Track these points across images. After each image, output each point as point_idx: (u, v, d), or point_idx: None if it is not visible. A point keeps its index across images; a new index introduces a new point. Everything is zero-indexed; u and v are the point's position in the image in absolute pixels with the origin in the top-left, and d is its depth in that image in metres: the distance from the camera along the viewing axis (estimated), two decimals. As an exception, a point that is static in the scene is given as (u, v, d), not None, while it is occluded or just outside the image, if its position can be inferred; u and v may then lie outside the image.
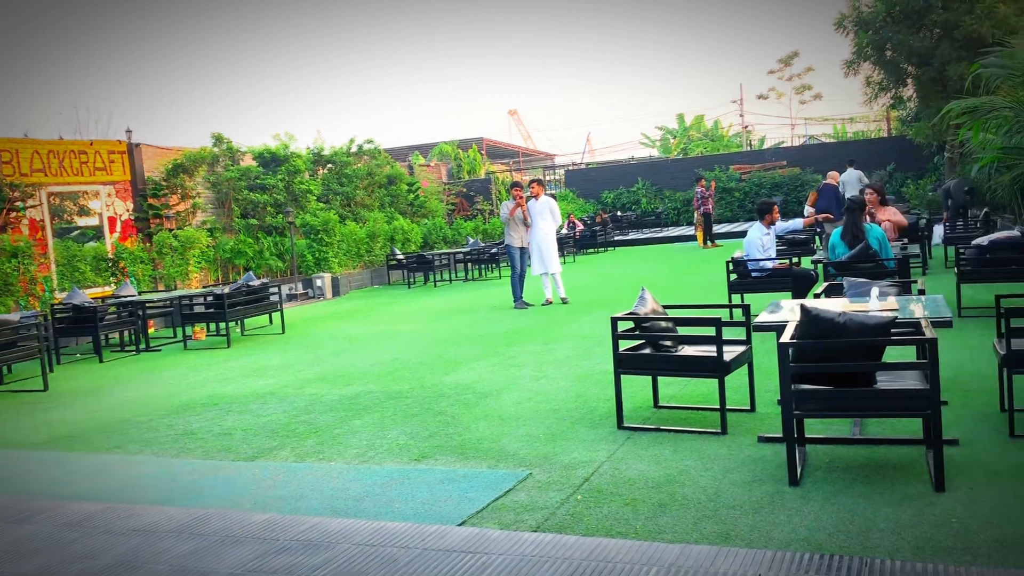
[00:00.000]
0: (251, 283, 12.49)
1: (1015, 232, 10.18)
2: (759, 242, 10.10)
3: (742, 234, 24.98)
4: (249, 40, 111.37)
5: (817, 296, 6.51)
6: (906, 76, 22.15)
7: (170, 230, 16.49)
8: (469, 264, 20.00)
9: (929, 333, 4.22)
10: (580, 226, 25.96)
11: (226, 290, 11.80)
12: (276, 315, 12.69)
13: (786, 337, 4.42)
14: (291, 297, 16.95)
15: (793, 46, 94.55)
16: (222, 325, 12.00)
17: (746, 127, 47.65)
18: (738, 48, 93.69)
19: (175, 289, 15.18)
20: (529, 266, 13.21)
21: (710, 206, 22.52)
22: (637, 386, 6.43)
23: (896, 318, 4.49)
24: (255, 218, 18.87)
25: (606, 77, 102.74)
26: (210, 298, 11.90)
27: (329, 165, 21.86)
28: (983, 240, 9.55)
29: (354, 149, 22.34)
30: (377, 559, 3.76)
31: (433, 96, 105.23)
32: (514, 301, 13.02)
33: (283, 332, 12.29)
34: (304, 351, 10.48)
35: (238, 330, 12.72)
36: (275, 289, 12.79)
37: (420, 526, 4.12)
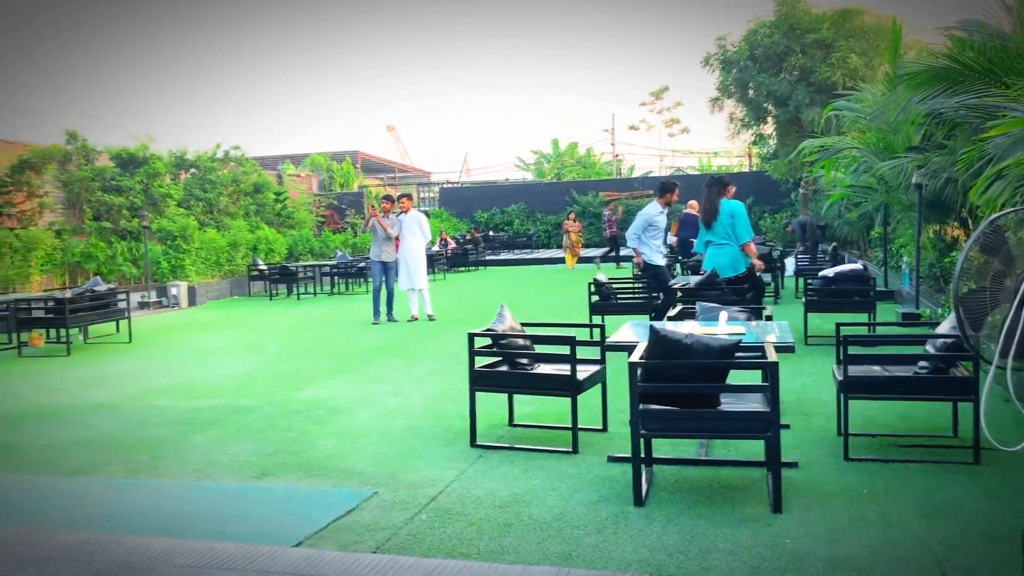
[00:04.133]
0: (96, 288, 11.77)
1: (858, 265, 10.73)
2: (650, 218, 9.61)
3: (609, 259, 25.68)
4: (113, 37, 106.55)
5: (670, 319, 6.62)
6: (766, 115, 23.28)
7: (12, 229, 15.40)
8: (335, 277, 19.59)
9: (772, 357, 4.31)
10: (452, 244, 25.92)
11: (68, 294, 11.07)
12: (124, 323, 12.00)
13: (635, 357, 4.43)
14: (143, 305, 16.11)
15: (664, 81, 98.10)
16: (63, 331, 11.24)
17: (617, 156, 48.94)
18: (612, 79, 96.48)
19: (13, 292, 14.16)
20: (397, 281, 13.01)
21: (614, 230, 23.58)
22: (494, 404, 6.35)
23: (741, 341, 4.58)
24: (109, 221, 17.90)
25: (485, 99, 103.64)
26: (50, 303, 11.14)
27: (192, 170, 21.04)
28: (829, 272, 10.02)
29: (220, 155, 21.59)
30: (200, 583, 3.50)
31: (308, 107, 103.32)
32: (373, 316, 12.80)
33: (130, 341, 11.63)
34: (150, 362, 9.93)
35: (81, 338, 11.96)
36: (123, 295, 12.10)
37: (251, 547, 3.88)
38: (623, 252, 23.17)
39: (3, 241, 14.79)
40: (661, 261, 9.74)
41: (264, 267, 18.92)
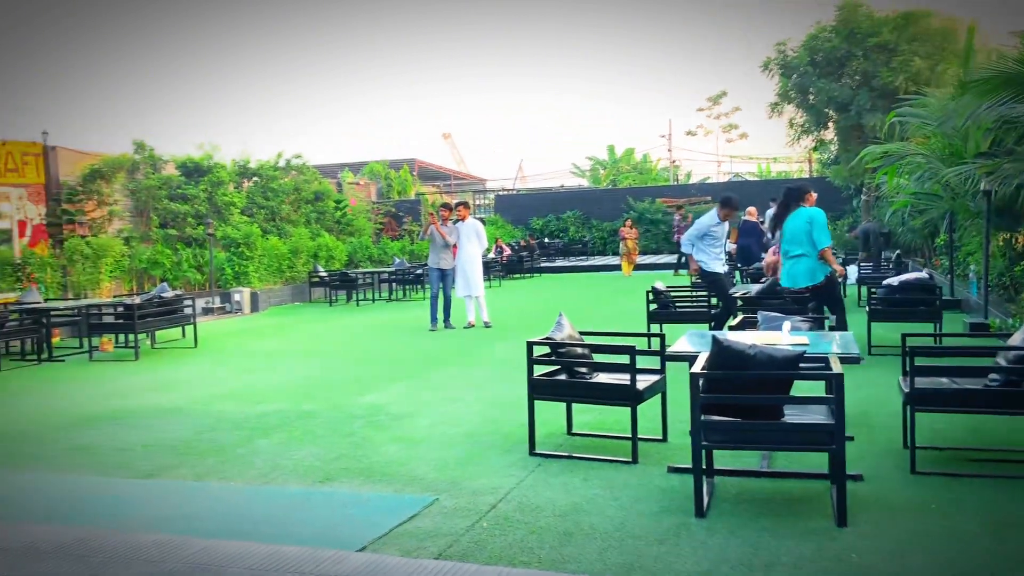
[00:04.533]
0: (164, 294, 12.08)
1: (923, 273, 10.50)
2: (705, 228, 9.49)
3: (665, 266, 25.51)
4: (178, 49, 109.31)
5: (732, 328, 6.57)
6: (827, 120, 22.90)
7: (83, 237, 15.89)
8: (393, 284, 19.79)
9: (836, 368, 4.25)
10: (507, 251, 26.00)
11: (137, 300, 11.38)
12: (190, 328, 12.30)
13: (697, 367, 4.41)
14: (207, 311, 16.48)
15: (722, 86, 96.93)
16: (131, 337, 11.57)
17: (674, 162, 48.59)
18: (669, 85, 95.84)
19: (85, 298, 14.61)
20: (454, 288, 13.12)
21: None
22: (552, 412, 6.37)
23: (805, 352, 4.53)
24: (174, 228, 18.35)
25: (541, 105, 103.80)
26: (119, 308, 11.48)
27: (255, 178, 21.45)
28: (893, 280, 9.82)
29: (282, 163, 21.98)
30: (268, 585, 3.58)
31: (367, 115, 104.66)
32: (430, 323, 12.92)
33: (195, 346, 11.91)
34: (215, 366, 10.16)
35: (149, 343, 12.28)
36: (189, 301, 12.40)
37: (316, 551, 3.95)
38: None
39: (75, 248, 15.27)
40: (720, 269, 9.61)
41: (324, 274, 19.21)
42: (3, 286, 14.08)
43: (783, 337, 5.31)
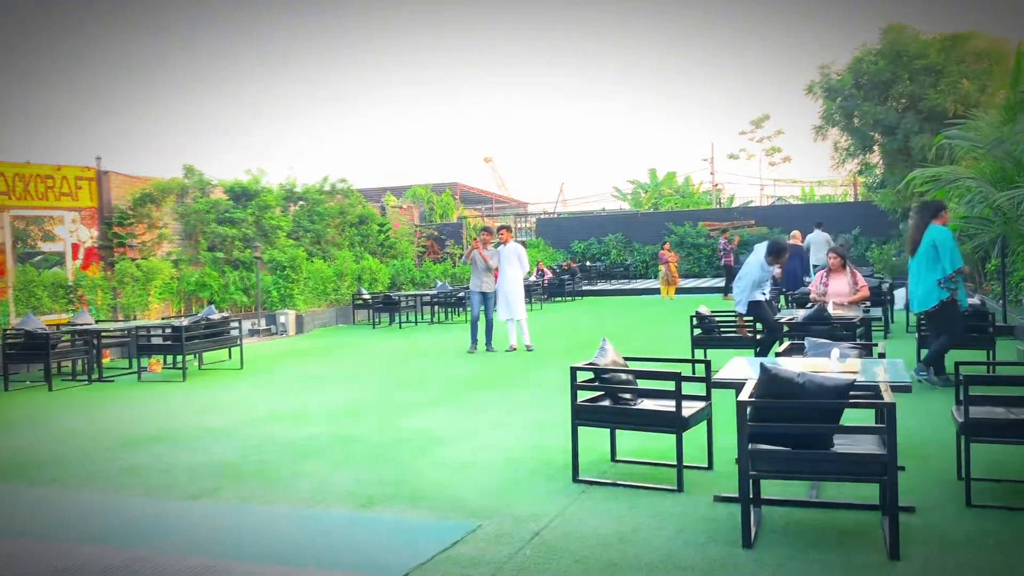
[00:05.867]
0: (211, 316, 12.24)
1: (975, 300, 10.25)
2: (759, 280, 9.36)
3: (708, 290, 25.29)
4: (225, 75, 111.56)
5: (779, 355, 6.45)
6: (873, 144, 22.60)
7: (133, 259, 16.20)
8: (436, 307, 19.85)
9: (888, 397, 4.15)
10: (549, 274, 25.96)
11: (185, 322, 11.54)
12: (236, 350, 12.44)
13: (744, 395, 4.33)
14: (253, 333, 16.66)
15: (764, 109, 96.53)
16: (179, 358, 11.72)
17: (716, 185, 48.31)
18: (711, 108, 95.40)
19: (134, 319, 14.86)
20: (496, 311, 13.11)
21: (731, 259, 23.13)
22: (596, 438, 6.30)
23: (855, 381, 4.42)
24: (222, 251, 18.64)
25: (583, 128, 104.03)
26: (168, 330, 11.65)
27: (301, 202, 21.73)
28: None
29: (327, 187, 22.25)
30: (312, 611, 3.56)
31: (409, 140, 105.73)
32: (471, 344, 12.93)
33: (241, 368, 12.03)
34: (261, 388, 10.25)
35: (196, 364, 12.44)
36: (236, 323, 12.55)
37: (360, 577, 3.93)
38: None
39: (125, 271, 15.56)
40: (759, 297, 9.48)
41: (368, 296, 19.35)
42: (56, 307, 14.38)
43: (832, 364, 5.20)
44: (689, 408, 5.42)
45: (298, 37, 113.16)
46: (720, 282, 24.62)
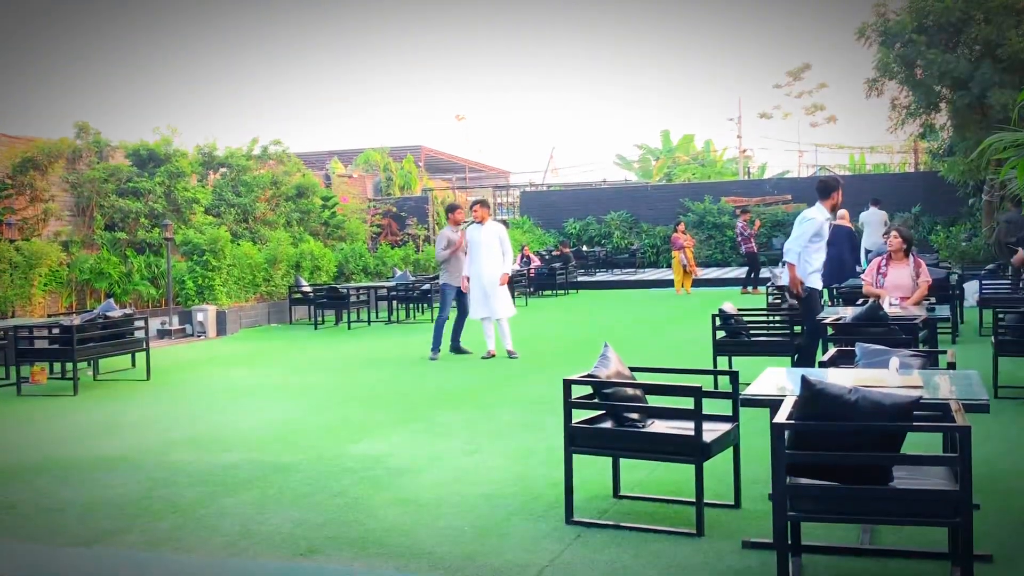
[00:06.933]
0: (110, 313, 12.15)
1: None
2: (819, 226, 9.24)
3: (731, 281, 25.42)
4: (133, 21, 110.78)
5: (823, 364, 6.47)
6: (939, 101, 22.71)
7: (12, 241, 16.05)
8: (395, 302, 19.82)
9: (961, 420, 4.16)
10: (536, 262, 26.01)
11: (76, 321, 11.45)
12: (141, 356, 12.35)
13: (782, 416, 4.33)
14: (163, 334, 16.59)
15: (804, 57, 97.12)
16: (69, 366, 11.62)
17: (744, 151, 48.58)
18: (739, 56, 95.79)
19: (12, 316, 14.73)
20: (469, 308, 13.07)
21: (753, 246, 23.08)
22: (594, 468, 6.30)
23: (920, 398, 4.43)
24: (124, 231, 18.52)
25: (577, 84, 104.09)
26: (55, 330, 11.55)
27: (223, 169, 21.66)
28: (1027, 303, 9.66)
29: (256, 151, 22.17)
30: None
31: (359, 93, 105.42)
32: (431, 350, 12.92)
33: (148, 378, 11.97)
34: (173, 405, 10.21)
35: (90, 373, 12.36)
36: (142, 323, 12.47)
37: (298, 646, 3.90)
38: (764, 272, 22.79)
39: (2, 255, 15.41)
40: (818, 284, 9.43)
41: (309, 289, 19.30)
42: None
43: (890, 377, 5.21)
44: (712, 431, 5.42)
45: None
46: (743, 272, 24.70)
